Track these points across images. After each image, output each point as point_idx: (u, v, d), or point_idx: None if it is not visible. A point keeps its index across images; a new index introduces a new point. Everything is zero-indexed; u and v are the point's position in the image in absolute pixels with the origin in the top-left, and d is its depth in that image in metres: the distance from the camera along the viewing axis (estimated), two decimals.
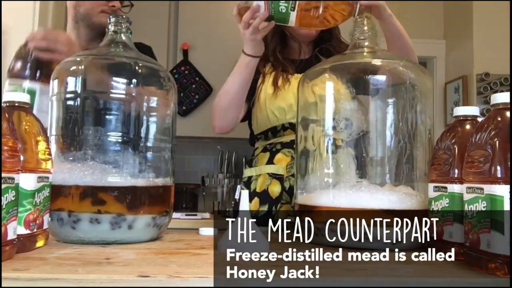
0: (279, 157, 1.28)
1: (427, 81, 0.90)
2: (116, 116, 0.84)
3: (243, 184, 1.34)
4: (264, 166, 1.30)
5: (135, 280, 0.56)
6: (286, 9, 1.03)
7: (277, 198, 1.25)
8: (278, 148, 1.29)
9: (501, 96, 0.66)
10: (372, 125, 0.86)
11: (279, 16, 1.05)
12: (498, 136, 0.62)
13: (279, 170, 1.27)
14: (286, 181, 1.24)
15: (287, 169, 1.25)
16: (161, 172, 0.88)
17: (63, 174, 0.81)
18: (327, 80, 0.91)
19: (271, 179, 1.27)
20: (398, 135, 0.85)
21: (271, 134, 1.32)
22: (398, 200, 0.81)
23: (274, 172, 1.27)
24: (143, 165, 0.85)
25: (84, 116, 0.84)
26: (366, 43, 0.92)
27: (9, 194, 0.64)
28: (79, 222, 0.79)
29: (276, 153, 1.29)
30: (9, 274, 0.56)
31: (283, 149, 1.28)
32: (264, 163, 1.30)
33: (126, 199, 0.81)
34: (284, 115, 1.28)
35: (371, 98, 0.87)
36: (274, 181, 1.27)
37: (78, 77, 0.83)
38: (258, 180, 1.29)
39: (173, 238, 0.89)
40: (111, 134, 0.82)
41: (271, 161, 1.29)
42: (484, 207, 0.62)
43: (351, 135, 0.86)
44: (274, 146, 1.31)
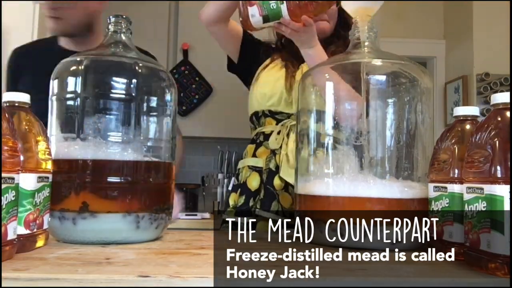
0: (260, 151, 1.30)
1: (427, 81, 0.90)
2: (116, 116, 0.84)
3: (235, 176, 1.37)
4: (247, 158, 1.32)
5: (135, 280, 0.56)
6: (276, 4, 1.07)
7: (256, 191, 1.26)
8: (261, 140, 1.31)
9: (501, 96, 0.66)
10: (372, 125, 0.86)
11: (272, 13, 1.08)
12: (498, 136, 0.62)
13: (258, 163, 1.28)
14: (264, 173, 1.25)
15: (266, 162, 1.26)
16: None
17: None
18: (327, 80, 0.91)
19: (250, 172, 1.29)
20: (398, 135, 0.85)
21: (256, 120, 1.33)
22: (399, 190, 0.82)
23: (254, 164, 1.29)
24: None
25: (84, 116, 0.84)
26: (366, 43, 0.92)
27: (9, 194, 0.64)
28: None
29: (259, 145, 1.31)
30: (9, 274, 0.56)
31: (265, 141, 1.29)
32: (250, 155, 1.32)
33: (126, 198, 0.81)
34: (265, 101, 1.29)
35: (371, 98, 0.87)
36: (254, 173, 1.28)
37: (78, 77, 0.83)
38: (242, 172, 1.32)
39: (173, 238, 0.89)
40: (111, 134, 0.82)
41: (255, 154, 1.31)
42: (484, 207, 0.62)
43: (351, 135, 0.86)
44: (258, 138, 1.32)
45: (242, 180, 1.30)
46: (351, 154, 0.87)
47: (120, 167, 0.82)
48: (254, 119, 1.34)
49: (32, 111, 0.77)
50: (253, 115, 1.34)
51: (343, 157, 0.86)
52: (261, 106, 1.30)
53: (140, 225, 0.81)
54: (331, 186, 0.85)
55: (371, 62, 0.90)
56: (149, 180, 0.84)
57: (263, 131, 1.31)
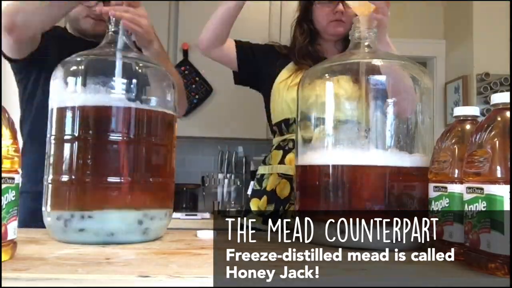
0: (290, 157, 1.26)
1: (427, 81, 0.90)
2: (116, 117, 0.84)
3: (256, 181, 1.34)
4: (276, 165, 1.29)
5: (135, 280, 0.56)
6: None
7: (286, 199, 1.24)
8: (290, 147, 1.28)
9: (501, 96, 0.66)
10: (372, 125, 0.86)
11: None
12: (498, 136, 0.62)
13: (288, 171, 1.25)
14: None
15: None
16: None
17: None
18: (327, 80, 0.91)
19: (280, 179, 1.26)
20: (398, 135, 0.85)
21: (285, 127, 1.30)
22: (400, 158, 0.83)
23: (284, 172, 1.26)
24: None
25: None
26: (366, 43, 0.92)
27: (9, 194, 0.64)
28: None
29: (288, 152, 1.28)
30: (9, 274, 0.56)
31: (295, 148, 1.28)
32: (277, 161, 1.29)
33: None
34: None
35: (371, 98, 0.87)
36: (284, 181, 1.26)
37: (78, 77, 0.83)
38: (269, 179, 1.29)
39: (173, 238, 0.89)
40: (111, 134, 0.82)
41: (283, 160, 1.28)
42: (484, 207, 0.62)
43: (351, 135, 0.86)
44: (287, 144, 1.29)
45: (270, 188, 1.27)
46: (355, 129, 0.87)
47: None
48: (282, 126, 1.31)
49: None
50: (282, 121, 1.30)
51: (345, 133, 0.86)
52: (294, 112, 1.25)
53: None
54: (331, 156, 0.85)
55: (371, 62, 0.90)
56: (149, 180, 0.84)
57: (292, 138, 1.27)
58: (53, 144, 0.84)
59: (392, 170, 0.82)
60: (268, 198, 1.27)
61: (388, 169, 0.81)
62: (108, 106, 0.82)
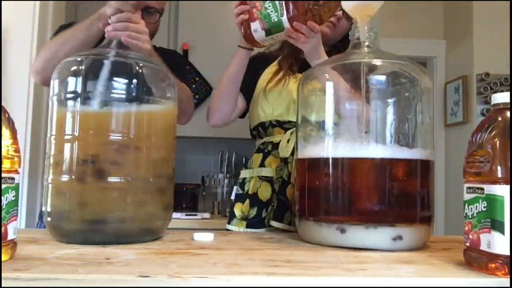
0: (269, 160, 1.28)
1: (427, 81, 0.90)
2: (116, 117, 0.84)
3: (239, 185, 1.35)
4: (256, 168, 1.30)
5: (135, 280, 0.56)
6: (277, 17, 1.08)
7: (268, 201, 1.25)
8: (269, 150, 1.29)
9: (501, 96, 0.66)
10: (372, 125, 0.86)
11: (274, 26, 1.09)
12: (499, 136, 0.62)
13: (268, 173, 1.27)
14: (276, 183, 1.24)
15: (277, 171, 1.25)
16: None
17: None
18: (327, 80, 0.92)
19: (261, 182, 1.27)
20: (398, 135, 0.85)
21: (262, 131, 1.33)
22: (400, 150, 0.83)
23: (265, 174, 1.28)
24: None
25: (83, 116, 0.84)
26: (366, 43, 0.92)
27: (9, 194, 0.64)
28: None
29: (268, 154, 1.29)
30: (9, 274, 0.56)
31: (274, 150, 1.28)
32: (257, 164, 1.31)
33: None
34: (271, 112, 1.29)
35: (371, 98, 0.87)
36: (264, 183, 1.27)
37: (78, 77, 0.83)
38: (251, 182, 1.30)
39: (173, 238, 0.89)
40: (111, 134, 0.82)
41: (263, 163, 1.29)
42: (485, 207, 0.62)
43: (351, 135, 0.86)
44: (266, 147, 1.31)
45: (252, 191, 1.28)
46: (354, 129, 0.87)
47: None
48: (260, 130, 1.33)
49: None
50: (258, 125, 1.33)
51: (344, 133, 0.87)
52: (268, 117, 1.30)
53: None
54: (331, 149, 0.86)
55: (371, 62, 0.90)
56: (150, 180, 0.84)
57: (271, 141, 1.30)
58: (53, 144, 0.84)
59: (391, 162, 0.82)
60: (251, 201, 1.27)
61: (387, 161, 0.81)
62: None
